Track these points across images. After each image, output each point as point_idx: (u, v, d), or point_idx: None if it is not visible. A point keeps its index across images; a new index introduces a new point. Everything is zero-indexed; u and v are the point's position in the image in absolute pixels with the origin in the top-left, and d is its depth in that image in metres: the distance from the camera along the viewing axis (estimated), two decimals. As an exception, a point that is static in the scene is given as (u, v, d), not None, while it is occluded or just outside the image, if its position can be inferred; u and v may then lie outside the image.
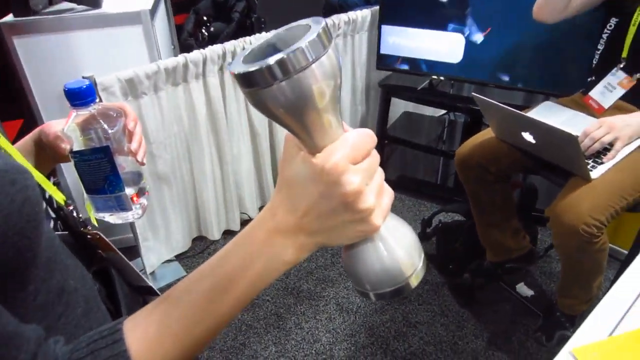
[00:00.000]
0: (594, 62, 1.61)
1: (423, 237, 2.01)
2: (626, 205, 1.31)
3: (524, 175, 2.07)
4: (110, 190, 0.68)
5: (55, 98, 1.73)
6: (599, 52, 1.59)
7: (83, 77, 1.56)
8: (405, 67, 2.30)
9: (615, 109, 1.52)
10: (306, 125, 0.36)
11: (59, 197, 0.63)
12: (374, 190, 0.38)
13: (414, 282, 0.42)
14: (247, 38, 1.98)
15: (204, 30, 2.83)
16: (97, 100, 0.68)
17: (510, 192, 1.68)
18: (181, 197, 2.05)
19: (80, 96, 0.65)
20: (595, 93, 1.60)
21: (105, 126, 0.67)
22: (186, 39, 2.80)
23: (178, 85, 1.84)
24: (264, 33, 2.04)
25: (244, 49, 2.00)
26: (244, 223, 2.31)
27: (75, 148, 0.67)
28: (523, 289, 1.80)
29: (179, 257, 2.15)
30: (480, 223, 1.71)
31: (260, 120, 2.13)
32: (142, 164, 0.72)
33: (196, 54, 1.82)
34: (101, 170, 0.67)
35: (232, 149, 2.09)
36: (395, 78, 2.43)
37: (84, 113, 0.67)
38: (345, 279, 2.00)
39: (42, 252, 0.44)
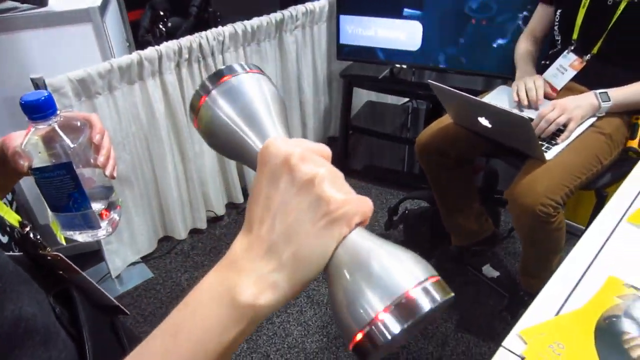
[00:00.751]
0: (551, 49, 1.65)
1: (390, 225, 2.02)
2: (580, 183, 1.35)
3: (487, 159, 2.11)
4: (75, 208, 0.64)
5: (2, 102, 1.66)
6: (558, 41, 1.62)
7: (31, 79, 1.50)
8: (366, 56, 2.30)
9: (568, 90, 1.55)
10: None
11: (12, 218, 0.59)
12: (327, 169, 0.33)
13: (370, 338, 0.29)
14: (203, 33, 1.94)
15: (161, 26, 2.76)
16: (58, 112, 0.62)
17: (470, 176, 1.71)
18: (144, 197, 2.01)
19: (38, 109, 0.59)
20: (548, 75, 1.63)
21: (68, 141, 0.62)
22: (143, 36, 2.73)
23: (134, 84, 1.79)
24: (220, 27, 2.01)
25: (200, 44, 1.98)
26: (211, 221, 2.29)
27: (38, 164, 0.61)
28: (489, 271, 1.84)
29: (145, 259, 2.11)
30: (443, 208, 1.73)
31: (222, 115, 2.10)
32: (112, 177, 0.68)
33: (151, 51, 1.78)
34: (64, 188, 0.62)
35: (193, 146, 2.05)
36: (356, 68, 2.42)
37: (44, 127, 0.61)
38: (315, 271, 2.00)
39: None
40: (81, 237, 0.68)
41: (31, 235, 0.58)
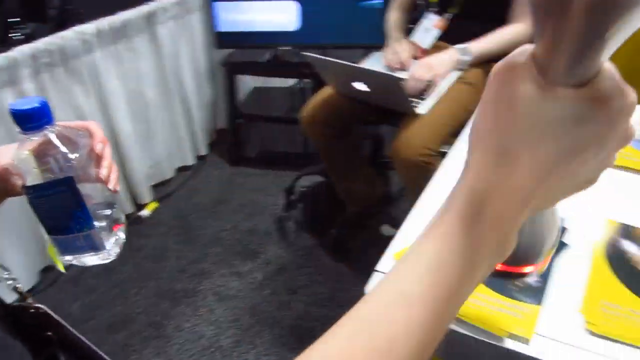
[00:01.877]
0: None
1: (288, 206, 2.01)
2: (452, 130, 1.43)
3: (374, 126, 2.17)
4: (77, 228, 0.57)
5: None
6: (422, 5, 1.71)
7: None
8: (246, 42, 2.27)
9: (437, 49, 1.63)
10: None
11: None
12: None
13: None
14: (63, 33, 1.83)
15: (19, 34, 2.52)
16: (54, 120, 0.55)
17: (357, 144, 1.75)
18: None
19: (32, 119, 0.52)
20: (416, 38, 1.72)
21: (66, 151, 0.55)
22: (-2, 46, 2.47)
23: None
24: (82, 25, 1.87)
25: (60, 46, 1.82)
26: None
27: (33, 181, 0.54)
28: (387, 230, 1.90)
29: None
30: (335, 178, 1.77)
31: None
32: (115, 191, 0.62)
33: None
34: (65, 207, 0.55)
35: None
36: (239, 54, 2.38)
37: (37, 138, 0.54)
38: (219, 267, 1.94)
39: None
40: (86, 260, 0.60)
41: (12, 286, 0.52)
